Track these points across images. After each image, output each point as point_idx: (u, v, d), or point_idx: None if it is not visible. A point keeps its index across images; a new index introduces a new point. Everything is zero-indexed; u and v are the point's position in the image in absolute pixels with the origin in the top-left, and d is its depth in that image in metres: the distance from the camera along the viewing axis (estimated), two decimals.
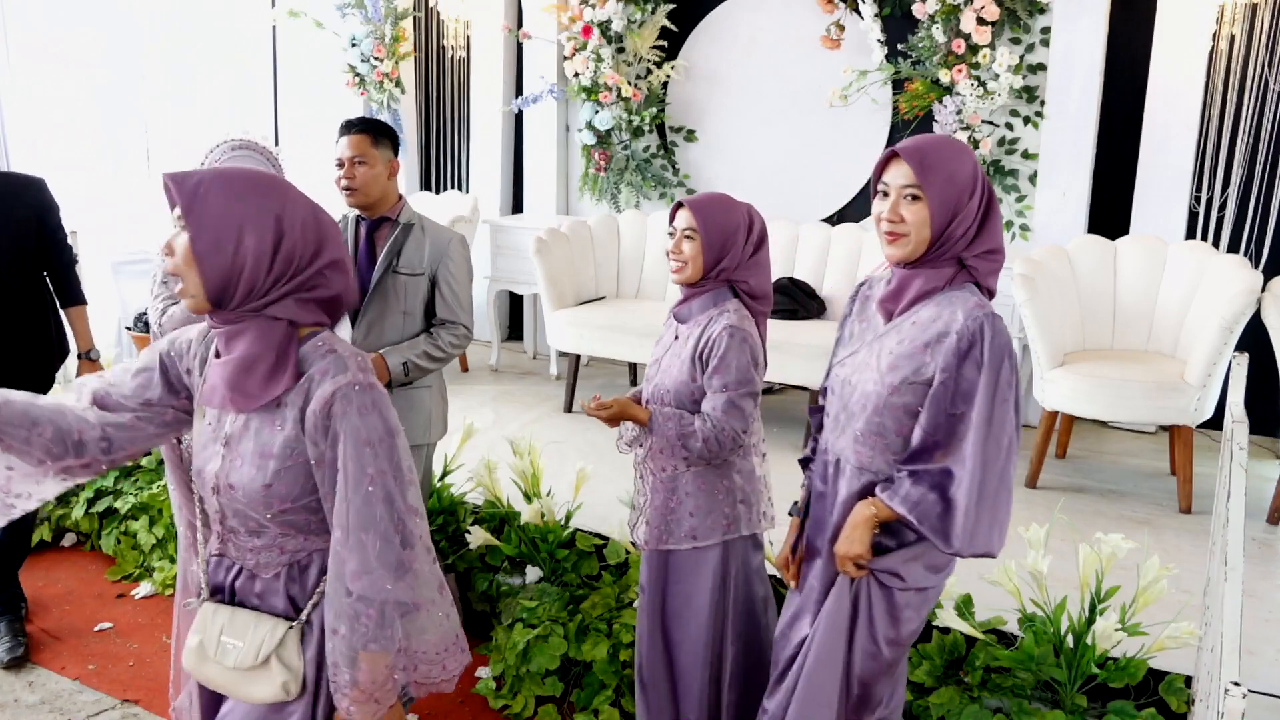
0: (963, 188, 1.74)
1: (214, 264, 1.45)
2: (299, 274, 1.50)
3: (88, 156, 5.53)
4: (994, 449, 1.71)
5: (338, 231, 1.57)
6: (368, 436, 1.47)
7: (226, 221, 1.45)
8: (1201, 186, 4.45)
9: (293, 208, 1.51)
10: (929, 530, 1.75)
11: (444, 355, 2.81)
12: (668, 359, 2.27)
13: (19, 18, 5.09)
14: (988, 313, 1.73)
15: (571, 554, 3.11)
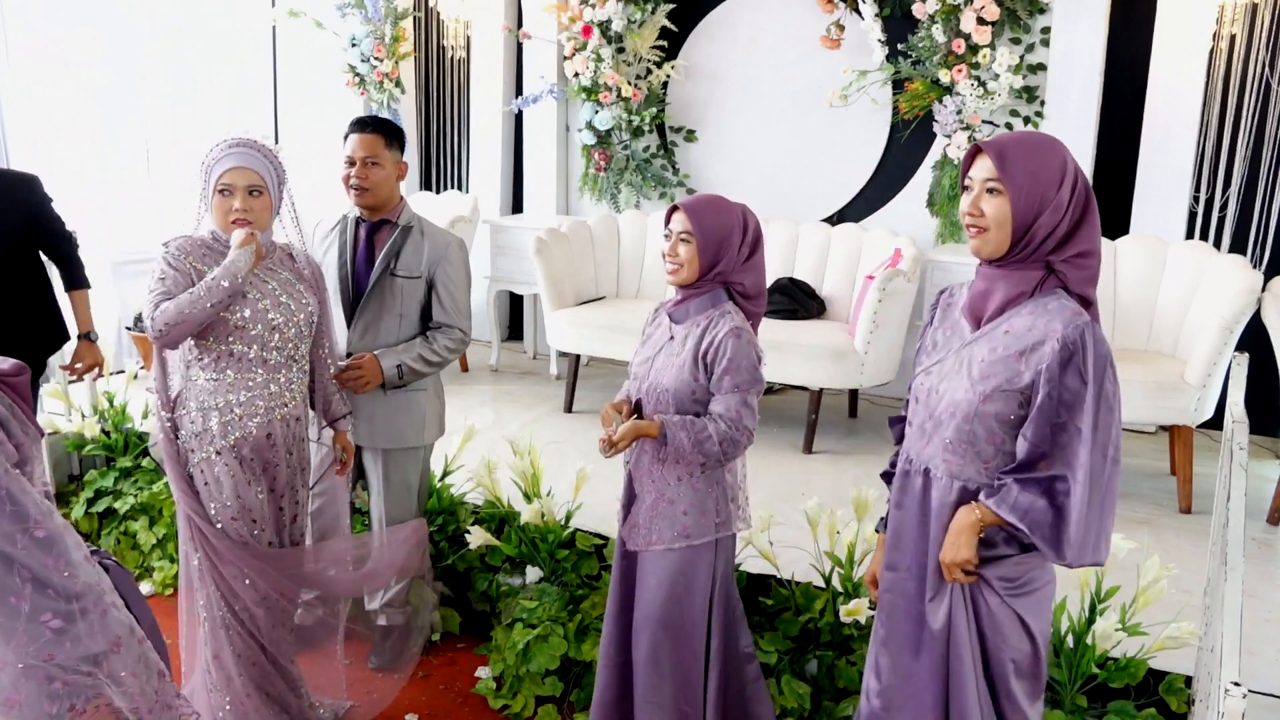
0: (1048, 183, 1.71)
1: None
2: None
3: (88, 156, 5.52)
4: (1100, 458, 1.69)
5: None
6: None
7: None
8: (1201, 186, 4.45)
9: None
10: (1040, 539, 1.71)
11: (439, 360, 2.80)
12: (662, 359, 2.27)
13: (19, 18, 5.08)
14: (1087, 321, 1.70)
15: (571, 554, 3.11)
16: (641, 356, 2.35)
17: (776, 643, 2.72)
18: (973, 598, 1.83)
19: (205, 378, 2.40)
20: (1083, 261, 1.74)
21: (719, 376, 2.17)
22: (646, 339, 2.38)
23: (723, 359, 2.15)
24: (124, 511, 3.80)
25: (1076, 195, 1.72)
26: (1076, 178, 1.72)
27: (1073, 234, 1.73)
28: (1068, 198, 1.71)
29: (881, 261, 4.38)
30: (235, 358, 2.38)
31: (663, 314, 2.35)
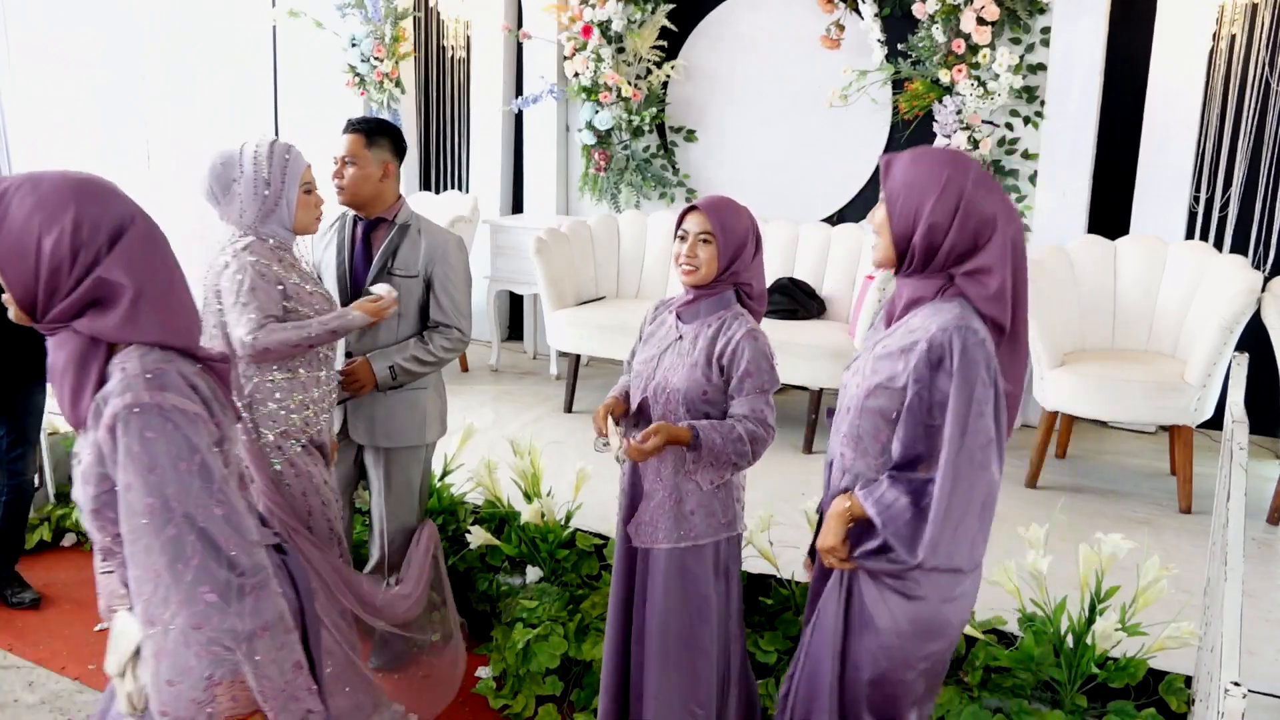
0: (921, 197, 1.74)
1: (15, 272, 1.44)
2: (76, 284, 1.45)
3: (88, 156, 5.52)
4: (966, 462, 1.70)
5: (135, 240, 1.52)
6: (149, 462, 1.41)
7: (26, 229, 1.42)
8: (1201, 186, 4.45)
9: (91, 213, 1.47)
10: (892, 535, 1.76)
11: (435, 359, 2.78)
12: (670, 358, 2.26)
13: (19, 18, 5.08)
14: (962, 325, 1.70)
15: (571, 554, 3.11)
16: (645, 355, 2.34)
17: (776, 643, 2.71)
18: (849, 585, 1.90)
19: (281, 377, 2.45)
20: (982, 279, 1.74)
21: (740, 379, 2.17)
22: (648, 338, 2.36)
23: (741, 362, 2.16)
24: None
25: (961, 215, 1.73)
26: (960, 198, 1.73)
27: (971, 253, 1.74)
28: (947, 215, 1.73)
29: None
30: (307, 356, 2.48)
31: (666, 313, 2.35)
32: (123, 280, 1.46)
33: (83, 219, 1.45)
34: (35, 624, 3.36)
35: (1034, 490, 3.90)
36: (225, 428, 1.55)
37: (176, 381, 1.46)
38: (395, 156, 2.81)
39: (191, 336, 1.55)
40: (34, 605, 3.43)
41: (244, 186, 2.38)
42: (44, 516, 3.95)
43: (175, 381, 1.46)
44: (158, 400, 1.42)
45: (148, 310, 1.48)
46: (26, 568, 3.68)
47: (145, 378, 1.44)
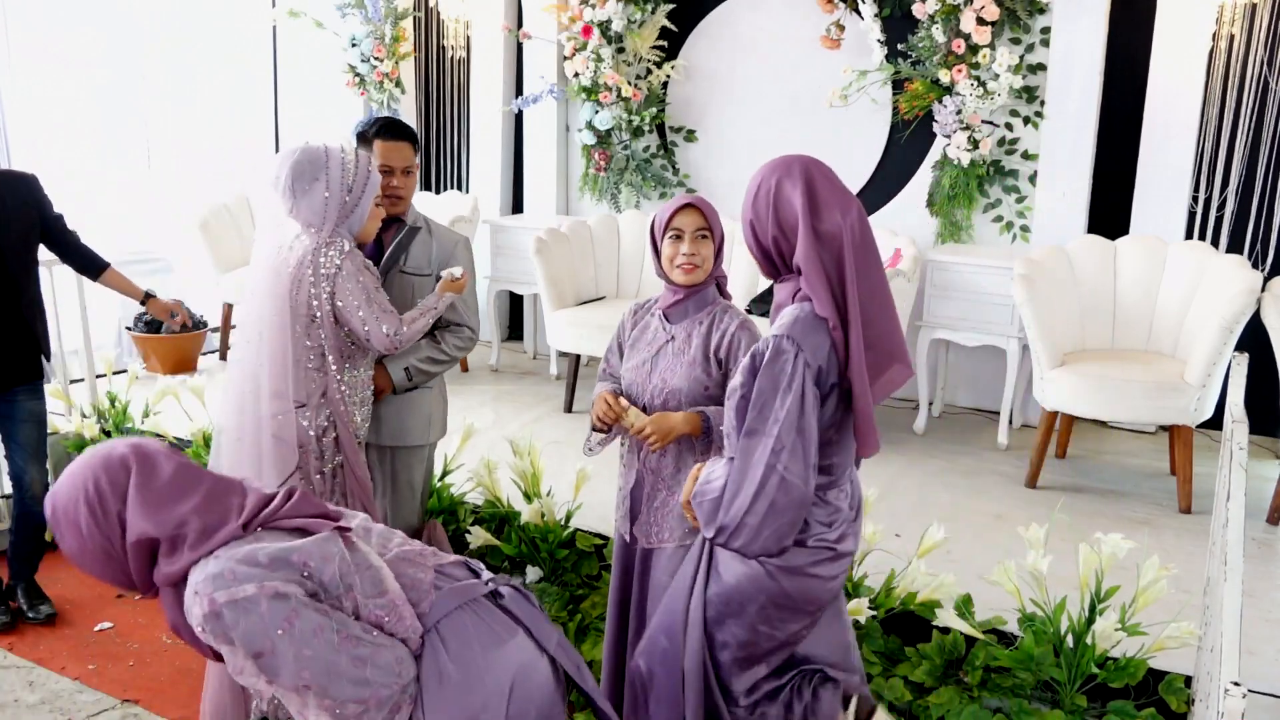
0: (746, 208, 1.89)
1: None
2: None
3: (88, 156, 5.53)
4: (766, 469, 1.77)
5: None
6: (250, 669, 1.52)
7: None
8: (1201, 186, 4.45)
9: None
10: (698, 504, 1.89)
11: (448, 358, 2.81)
12: (664, 360, 2.26)
13: (19, 18, 5.09)
14: (773, 335, 1.82)
15: (571, 554, 3.11)
16: (635, 361, 2.32)
17: None
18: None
19: (348, 378, 2.55)
20: (800, 275, 1.82)
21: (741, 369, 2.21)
22: (634, 343, 2.35)
23: (738, 352, 2.18)
24: None
25: (772, 210, 1.83)
26: (770, 194, 1.84)
27: (792, 249, 1.83)
28: (762, 211, 1.85)
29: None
30: (364, 354, 2.59)
31: (649, 315, 2.34)
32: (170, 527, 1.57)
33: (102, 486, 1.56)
34: (35, 624, 3.35)
35: (1034, 490, 3.90)
36: (361, 595, 1.60)
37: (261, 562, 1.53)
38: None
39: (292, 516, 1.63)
40: (49, 620, 3.34)
41: (329, 189, 2.42)
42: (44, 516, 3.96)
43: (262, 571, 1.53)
44: (261, 593, 1.50)
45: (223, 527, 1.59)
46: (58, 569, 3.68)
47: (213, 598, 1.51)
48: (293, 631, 1.48)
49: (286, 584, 1.51)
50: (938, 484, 3.96)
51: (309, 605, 1.51)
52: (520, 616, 1.72)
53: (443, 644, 1.61)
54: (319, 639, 1.50)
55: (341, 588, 1.56)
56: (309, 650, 1.49)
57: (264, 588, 1.49)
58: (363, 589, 1.58)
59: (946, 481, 3.99)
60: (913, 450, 4.34)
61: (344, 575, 1.57)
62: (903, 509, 3.57)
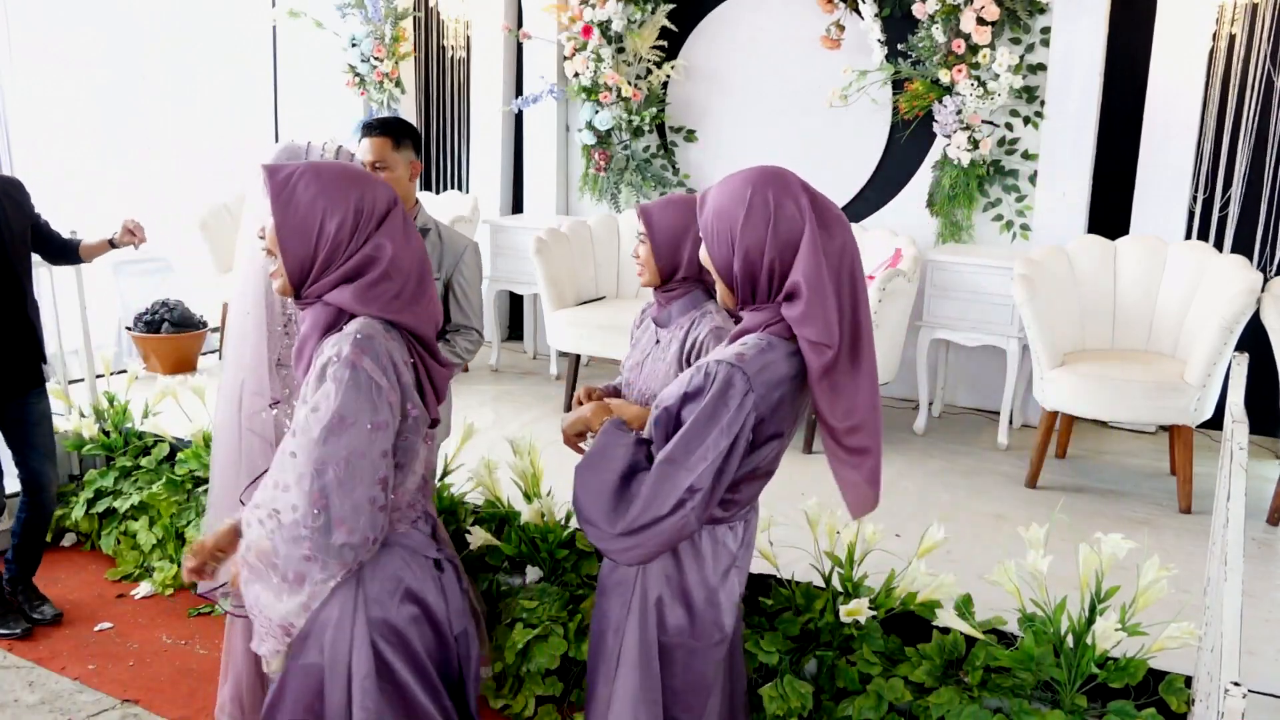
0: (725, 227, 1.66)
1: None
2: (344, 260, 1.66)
3: (88, 156, 5.53)
4: (664, 484, 1.60)
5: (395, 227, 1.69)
6: (317, 401, 1.59)
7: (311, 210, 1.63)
8: (1201, 186, 4.45)
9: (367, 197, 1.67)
10: (595, 467, 1.71)
11: (459, 362, 2.86)
12: (650, 364, 2.26)
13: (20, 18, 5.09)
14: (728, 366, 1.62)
15: (571, 554, 3.10)
16: (631, 362, 2.34)
17: (776, 643, 2.71)
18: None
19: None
20: (798, 299, 1.60)
21: None
22: (635, 343, 2.37)
23: (705, 354, 2.13)
24: (124, 511, 3.80)
25: (773, 228, 1.60)
26: (769, 210, 1.60)
27: (788, 271, 1.61)
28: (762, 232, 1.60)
29: (881, 261, 4.38)
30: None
31: (647, 318, 2.35)
32: (379, 256, 1.65)
33: (362, 205, 1.65)
34: (42, 624, 3.35)
35: (1034, 490, 3.90)
36: (416, 419, 1.69)
37: (380, 352, 1.61)
38: (418, 156, 2.83)
39: (419, 320, 1.71)
40: (55, 620, 3.34)
41: None
42: None
43: (379, 352, 1.61)
44: (355, 359, 1.58)
45: (387, 287, 1.65)
46: (62, 568, 3.69)
47: (355, 337, 1.60)
48: (373, 436, 1.58)
49: (398, 408, 1.63)
50: (938, 484, 3.96)
51: (390, 434, 1.63)
52: (446, 591, 1.80)
53: (388, 563, 1.72)
54: (371, 458, 1.59)
55: (407, 457, 1.70)
56: (363, 458, 1.57)
57: (390, 393, 1.61)
58: (409, 475, 1.72)
59: (946, 481, 3.98)
60: (913, 450, 4.34)
61: (414, 452, 1.71)
62: (903, 509, 3.57)
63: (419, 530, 1.78)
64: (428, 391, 1.74)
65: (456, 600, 1.81)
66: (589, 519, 1.67)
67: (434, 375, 1.75)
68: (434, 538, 1.83)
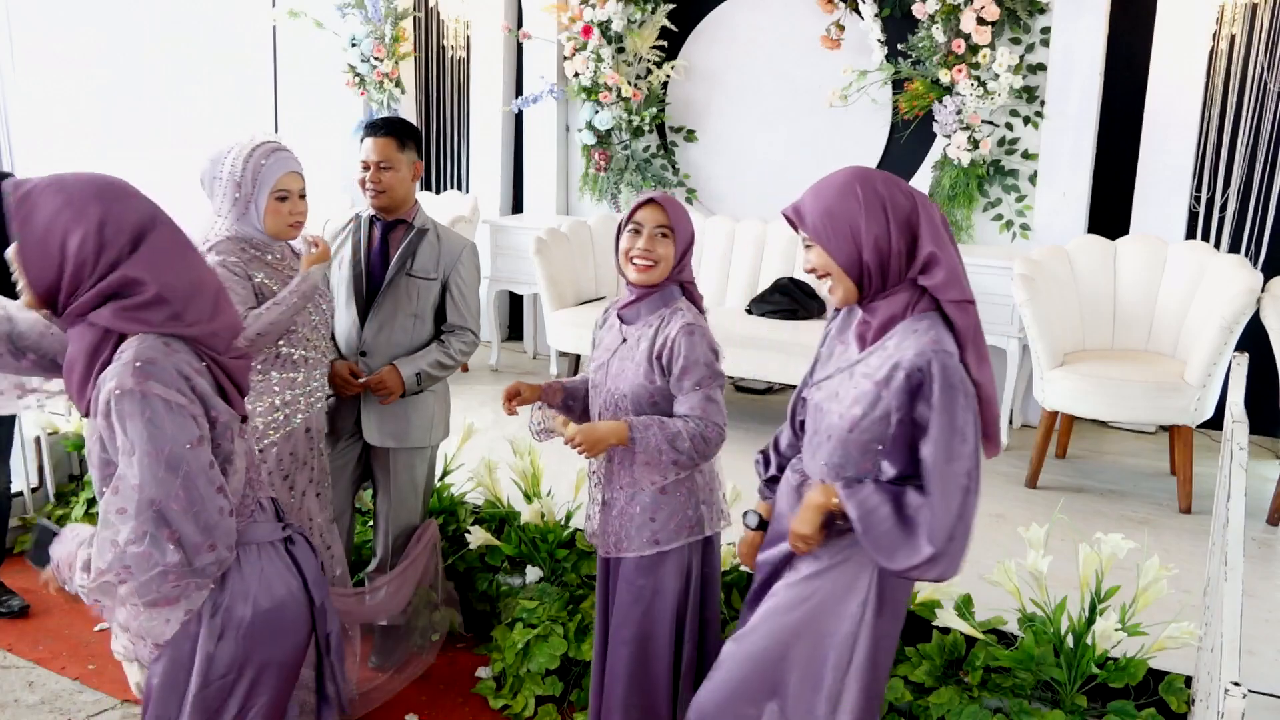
0: (851, 220, 1.70)
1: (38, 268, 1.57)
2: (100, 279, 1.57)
3: (88, 156, 5.52)
4: (956, 489, 1.65)
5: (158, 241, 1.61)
6: (121, 444, 1.54)
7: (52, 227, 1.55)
8: (1201, 186, 4.45)
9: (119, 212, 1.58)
10: (870, 542, 1.70)
11: (454, 363, 2.84)
12: (616, 363, 2.21)
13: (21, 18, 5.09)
14: (937, 348, 1.66)
15: (571, 554, 3.11)
16: (596, 362, 2.27)
17: None
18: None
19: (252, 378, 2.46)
20: (932, 270, 1.70)
21: (678, 377, 2.11)
22: (598, 343, 2.31)
23: (679, 358, 2.10)
24: None
25: (891, 217, 1.69)
26: (883, 204, 1.70)
27: (913, 249, 1.71)
28: (881, 224, 1.69)
29: None
30: (280, 359, 2.49)
31: (612, 315, 2.28)
32: (143, 277, 1.56)
33: (108, 219, 1.55)
34: (35, 624, 3.36)
35: (1034, 490, 3.90)
36: (225, 423, 1.65)
37: (166, 372, 1.55)
38: (420, 157, 2.84)
39: (207, 335, 1.64)
40: (23, 613, 3.36)
41: (221, 186, 2.40)
42: (44, 516, 3.96)
43: (164, 372, 1.55)
44: (141, 388, 1.52)
45: (158, 304, 1.57)
46: (27, 566, 3.67)
47: (135, 365, 1.54)
48: (194, 454, 1.56)
49: (203, 417, 1.60)
50: None
51: (209, 445, 1.61)
52: (303, 567, 1.81)
53: (239, 562, 1.72)
54: (204, 474, 1.57)
55: (227, 459, 1.68)
56: (196, 477, 1.56)
57: (191, 408, 1.57)
58: (232, 475, 1.70)
59: None
60: None
61: (231, 452, 1.68)
62: None
63: (259, 521, 1.78)
64: (230, 391, 1.70)
65: (313, 572, 1.83)
66: (910, 567, 1.68)
67: (232, 372, 1.71)
68: (277, 519, 1.83)
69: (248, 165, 2.38)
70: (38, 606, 3.47)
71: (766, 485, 2.08)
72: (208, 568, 1.60)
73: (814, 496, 1.79)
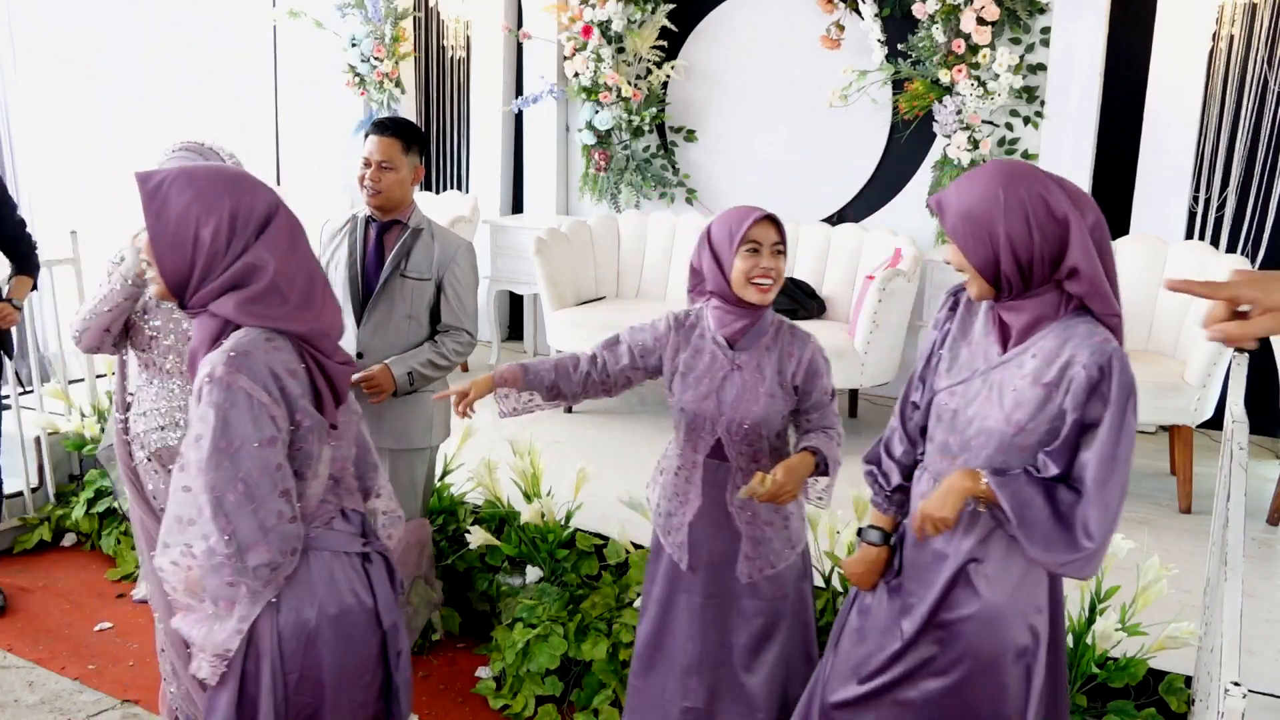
0: (991, 221, 1.65)
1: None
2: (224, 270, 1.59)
3: (88, 156, 5.53)
4: (1115, 488, 1.67)
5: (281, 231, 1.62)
6: (198, 429, 1.55)
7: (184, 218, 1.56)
8: (1201, 186, 4.45)
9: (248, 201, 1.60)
10: (1025, 533, 1.66)
11: (448, 363, 2.82)
12: (732, 390, 2.14)
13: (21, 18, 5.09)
14: (1115, 348, 1.65)
15: (571, 554, 3.11)
16: (698, 392, 2.16)
17: None
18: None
19: (142, 383, 2.47)
20: (1076, 279, 1.66)
21: (819, 394, 2.17)
22: (688, 371, 2.18)
23: (815, 376, 2.16)
24: (124, 511, 3.80)
25: (1034, 222, 1.64)
26: (1024, 207, 1.64)
27: (1061, 255, 1.66)
28: (1021, 228, 1.64)
29: (882, 261, 4.38)
30: (156, 367, 2.44)
31: (702, 340, 2.18)
32: (263, 264, 1.58)
33: (238, 209, 1.58)
34: (35, 624, 3.36)
35: None
36: (309, 427, 1.64)
37: (257, 367, 1.56)
38: (422, 161, 2.85)
39: (311, 327, 1.64)
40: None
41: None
42: (44, 516, 3.95)
43: (256, 366, 1.55)
44: (229, 378, 1.53)
45: (273, 293, 1.59)
46: (27, 566, 3.69)
47: (229, 354, 1.55)
48: (262, 453, 1.55)
49: (285, 421, 1.59)
50: None
51: (280, 448, 1.59)
52: (375, 586, 1.78)
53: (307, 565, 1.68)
54: (267, 475, 1.56)
55: (307, 462, 1.66)
56: (258, 476, 1.54)
57: (273, 408, 1.56)
58: (312, 479, 1.68)
59: None
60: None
61: (313, 455, 1.66)
62: None
63: (336, 529, 1.74)
64: (325, 396, 1.67)
65: (386, 594, 1.80)
66: (1067, 562, 1.68)
67: (333, 376, 1.68)
68: (362, 533, 1.80)
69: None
70: (38, 607, 3.48)
71: (888, 498, 1.98)
72: (259, 569, 1.56)
73: (958, 480, 1.72)
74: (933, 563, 1.84)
